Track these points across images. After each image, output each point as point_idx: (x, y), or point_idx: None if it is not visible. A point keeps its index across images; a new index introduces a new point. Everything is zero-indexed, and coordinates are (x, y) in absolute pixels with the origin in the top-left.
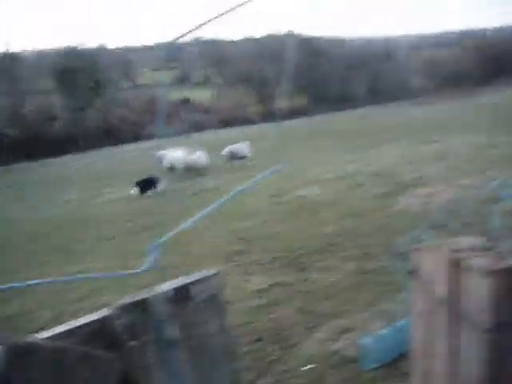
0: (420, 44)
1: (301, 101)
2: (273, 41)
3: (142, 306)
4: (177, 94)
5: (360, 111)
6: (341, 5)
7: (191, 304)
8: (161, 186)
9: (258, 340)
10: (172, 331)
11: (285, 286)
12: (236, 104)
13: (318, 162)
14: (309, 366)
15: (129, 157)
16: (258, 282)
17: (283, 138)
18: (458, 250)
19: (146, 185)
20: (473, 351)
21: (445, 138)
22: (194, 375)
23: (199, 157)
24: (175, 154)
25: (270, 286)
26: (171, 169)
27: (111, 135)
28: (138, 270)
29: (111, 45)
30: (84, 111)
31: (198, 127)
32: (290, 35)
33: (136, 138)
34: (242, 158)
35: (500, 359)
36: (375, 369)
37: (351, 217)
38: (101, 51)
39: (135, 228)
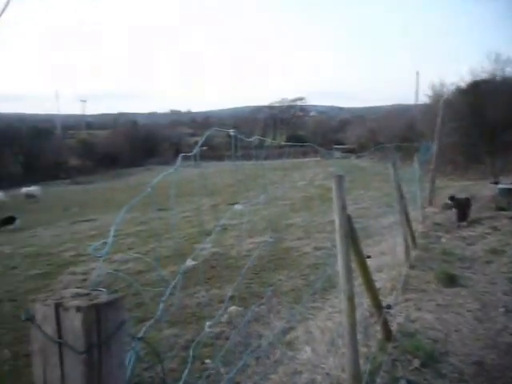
0: (77, 124)
1: None
2: None
3: None
4: None
5: (13, 191)
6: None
7: None
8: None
9: None
10: None
11: None
12: None
13: None
14: None
15: None
16: None
17: None
18: (62, 297)
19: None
20: (75, 372)
21: (101, 216)
22: None
23: None
24: None
25: None
26: None
27: None
28: None
29: None
30: None
31: None
32: None
33: None
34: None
35: (93, 374)
36: None
37: (7, 301)
38: None
39: None
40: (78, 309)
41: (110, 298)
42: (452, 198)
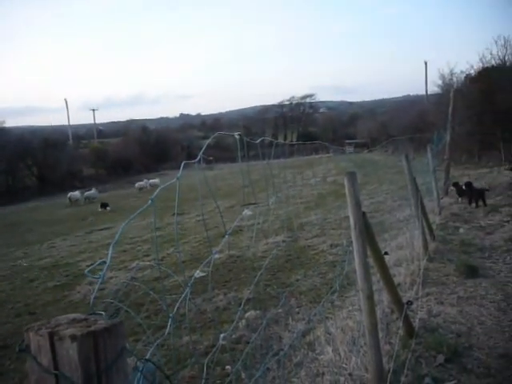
0: (88, 133)
1: None
2: None
3: None
4: None
5: (31, 204)
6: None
7: None
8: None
9: None
10: None
11: None
12: None
13: None
14: None
15: None
16: None
17: None
18: (57, 325)
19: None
20: None
21: (116, 224)
22: None
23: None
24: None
25: None
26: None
27: None
28: None
29: None
30: None
31: None
32: None
33: None
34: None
35: None
36: None
37: (27, 314)
38: None
39: None
40: (73, 338)
41: (107, 325)
42: (455, 185)
